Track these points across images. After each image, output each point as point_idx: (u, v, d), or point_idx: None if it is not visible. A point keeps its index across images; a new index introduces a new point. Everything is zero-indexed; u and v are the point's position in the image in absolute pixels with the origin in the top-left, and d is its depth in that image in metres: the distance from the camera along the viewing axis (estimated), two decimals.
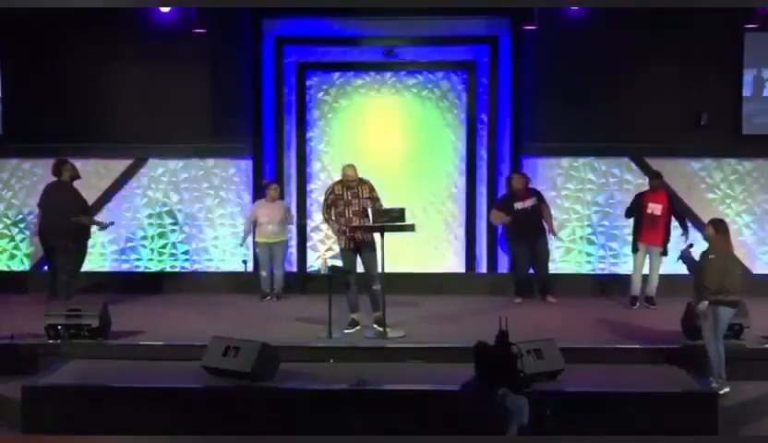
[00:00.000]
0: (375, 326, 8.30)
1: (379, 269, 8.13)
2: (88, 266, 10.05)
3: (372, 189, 8.43)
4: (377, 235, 8.15)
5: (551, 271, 10.18)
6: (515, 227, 9.93)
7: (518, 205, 9.86)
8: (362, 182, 8.42)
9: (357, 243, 8.30)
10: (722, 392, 6.76)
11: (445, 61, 10.77)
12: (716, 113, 10.50)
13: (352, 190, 8.34)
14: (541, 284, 10.05)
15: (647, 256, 9.54)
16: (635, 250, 9.63)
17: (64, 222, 9.25)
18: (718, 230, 7.08)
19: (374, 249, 8.27)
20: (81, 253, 9.53)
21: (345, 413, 6.44)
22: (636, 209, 9.62)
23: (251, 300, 9.93)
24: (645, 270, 9.64)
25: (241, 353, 6.72)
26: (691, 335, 7.55)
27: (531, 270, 10.05)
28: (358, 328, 8.36)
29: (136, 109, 10.60)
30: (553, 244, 10.22)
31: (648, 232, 9.46)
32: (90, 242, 9.84)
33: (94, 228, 9.64)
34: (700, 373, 7.02)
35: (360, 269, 8.48)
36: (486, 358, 4.68)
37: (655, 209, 9.44)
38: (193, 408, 6.52)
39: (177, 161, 10.85)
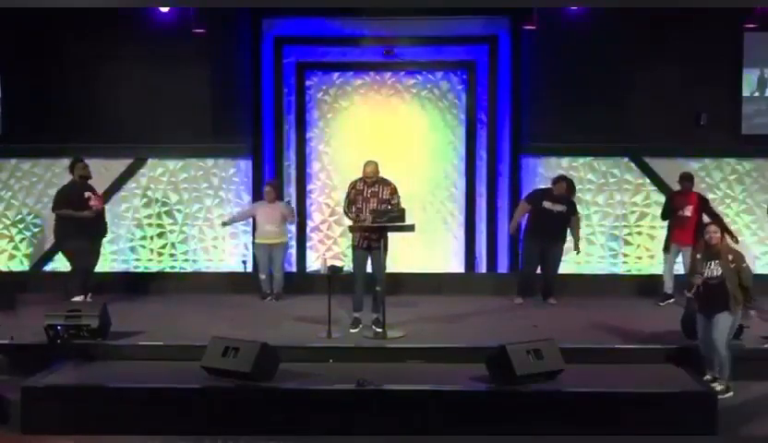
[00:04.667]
0: (373, 326, 8.31)
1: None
2: None
3: (394, 192, 8.40)
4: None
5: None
6: (535, 225, 9.78)
7: (546, 204, 9.68)
8: (385, 182, 8.42)
9: (371, 242, 8.29)
10: (726, 396, 6.79)
11: (444, 61, 10.78)
12: (716, 113, 10.52)
13: (372, 188, 8.34)
14: (545, 286, 10.01)
15: (679, 255, 9.56)
16: (666, 249, 9.72)
17: (56, 221, 9.44)
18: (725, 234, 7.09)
19: (385, 251, 8.26)
20: (93, 252, 9.55)
21: (345, 413, 6.44)
22: (669, 210, 9.70)
23: (251, 300, 9.92)
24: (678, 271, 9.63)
25: (241, 353, 6.72)
26: (691, 335, 7.54)
27: (537, 271, 10.02)
28: (361, 326, 8.36)
29: (136, 109, 10.61)
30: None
31: (680, 232, 9.48)
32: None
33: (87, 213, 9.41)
34: (699, 372, 7.05)
35: (367, 269, 8.47)
36: None
37: (686, 210, 9.50)
38: (193, 408, 6.52)
39: (177, 161, 10.86)
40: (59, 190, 9.56)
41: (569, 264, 10.64)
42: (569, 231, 9.81)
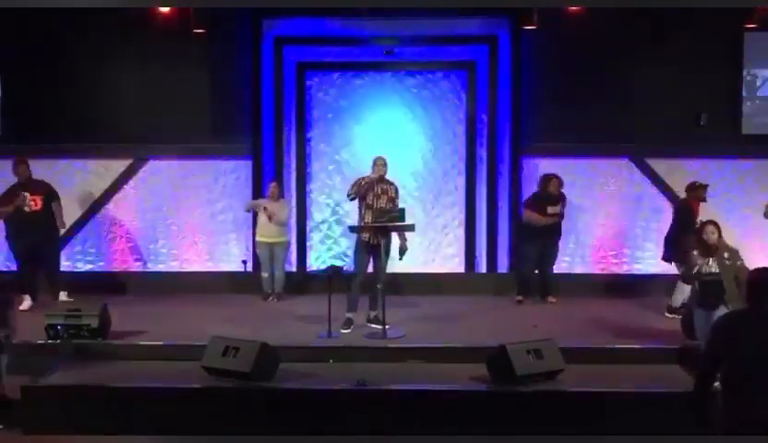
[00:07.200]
0: (370, 324, 8.31)
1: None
2: (87, 266, 10.02)
3: (397, 192, 8.57)
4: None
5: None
6: (535, 228, 9.82)
7: (551, 209, 9.79)
8: (389, 182, 8.56)
9: (378, 240, 8.29)
10: None
11: (444, 61, 10.78)
12: (716, 113, 10.52)
13: (382, 185, 8.44)
14: (543, 285, 10.03)
15: None
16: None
17: None
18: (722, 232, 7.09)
19: (389, 251, 8.33)
20: (37, 255, 9.57)
21: (345, 413, 6.44)
22: (688, 218, 9.15)
23: (251, 300, 9.92)
24: None
25: (241, 353, 6.72)
26: (691, 335, 7.55)
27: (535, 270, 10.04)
28: (353, 327, 8.35)
29: (136, 109, 10.60)
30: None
31: None
32: (91, 242, 9.83)
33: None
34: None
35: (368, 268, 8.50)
36: None
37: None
38: (193, 408, 6.52)
39: (177, 161, 10.85)
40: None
41: (568, 263, 10.66)
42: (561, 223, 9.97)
